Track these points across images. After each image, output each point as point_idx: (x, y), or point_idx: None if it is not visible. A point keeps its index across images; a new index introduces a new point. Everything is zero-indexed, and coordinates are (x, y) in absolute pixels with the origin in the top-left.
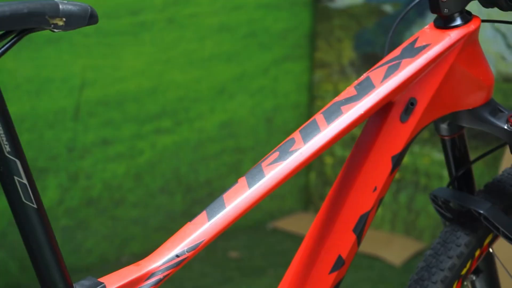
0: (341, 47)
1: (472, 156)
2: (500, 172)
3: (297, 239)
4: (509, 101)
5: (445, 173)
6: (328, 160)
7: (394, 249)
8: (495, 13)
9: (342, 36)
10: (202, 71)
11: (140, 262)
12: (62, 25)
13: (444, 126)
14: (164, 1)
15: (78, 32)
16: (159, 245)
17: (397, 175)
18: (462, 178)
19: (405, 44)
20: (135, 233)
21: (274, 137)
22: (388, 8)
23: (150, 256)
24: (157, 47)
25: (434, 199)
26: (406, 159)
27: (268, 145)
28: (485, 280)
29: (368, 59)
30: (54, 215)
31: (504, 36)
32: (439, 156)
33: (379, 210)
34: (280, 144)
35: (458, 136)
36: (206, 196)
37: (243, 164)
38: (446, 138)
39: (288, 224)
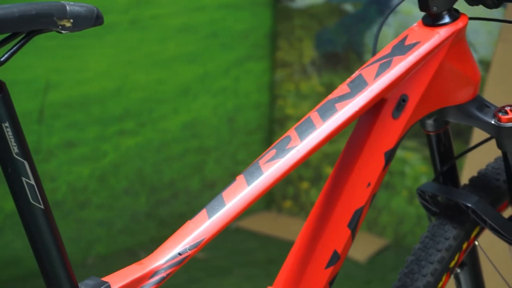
0: (302, 46)
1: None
2: (464, 167)
3: (260, 238)
4: None
5: (407, 169)
6: None
7: (358, 246)
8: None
9: (303, 35)
10: (165, 72)
11: (143, 260)
12: (69, 26)
13: (430, 122)
14: (127, 3)
15: (41, 34)
16: (124, 246)
17: None
18: (447, 172)
19: (395, 42)
20: (100, 235)
21: (236, 137)
22: (348, 7)
23: (152, 254)
24: (120, 48)
25: (421, 193)
26: None
27: (231, 145)
28: (469, 273)
29: (329, 58)
30: (18, 219)
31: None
32: (401, 153)
33: None
34: (277, 142)
35: (443, 132)
36: (170, 197)
37: (207, 164)
38: (431, 133)
39: (251, 223)
